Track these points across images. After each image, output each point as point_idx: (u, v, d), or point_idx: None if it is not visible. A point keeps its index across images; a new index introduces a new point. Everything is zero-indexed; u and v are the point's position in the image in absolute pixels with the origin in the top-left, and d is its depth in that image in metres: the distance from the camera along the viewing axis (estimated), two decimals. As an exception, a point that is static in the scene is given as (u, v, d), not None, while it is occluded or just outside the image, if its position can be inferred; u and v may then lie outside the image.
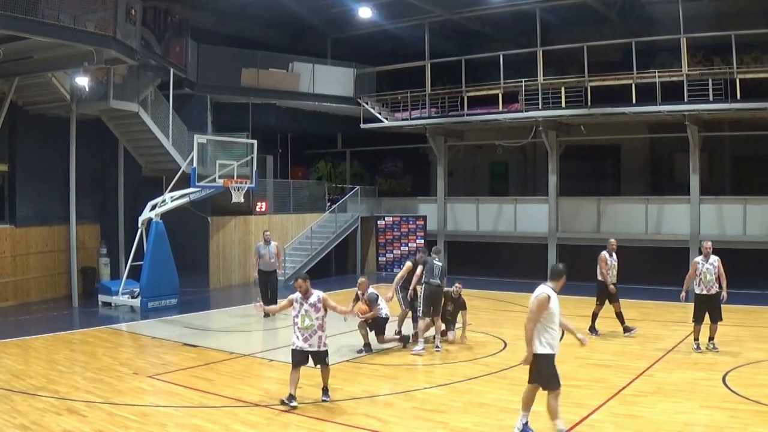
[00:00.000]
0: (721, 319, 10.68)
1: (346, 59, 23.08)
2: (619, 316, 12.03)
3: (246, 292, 18.21)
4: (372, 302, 11.04)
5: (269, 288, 14.48)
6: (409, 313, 11.95)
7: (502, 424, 7.51)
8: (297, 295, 8.33)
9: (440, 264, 11.38)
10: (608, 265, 11.91)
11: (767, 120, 17.74)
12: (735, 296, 12.78)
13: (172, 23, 18.14)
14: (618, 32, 20.01)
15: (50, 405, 8.15)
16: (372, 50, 23.91)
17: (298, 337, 8.26)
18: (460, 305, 11.76)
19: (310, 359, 8.30)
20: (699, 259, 10.78)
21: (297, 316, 8.28)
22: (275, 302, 13.41)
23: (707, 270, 10.58)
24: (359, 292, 11.19)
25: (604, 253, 12.05)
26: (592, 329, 12.02)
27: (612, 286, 11.84)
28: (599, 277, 12.02)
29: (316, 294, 8.34)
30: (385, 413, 7.93)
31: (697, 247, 18.04)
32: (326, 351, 8.35)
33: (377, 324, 11.19)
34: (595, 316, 12.14)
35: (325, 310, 8.31)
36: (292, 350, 8.30)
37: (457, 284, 11.82)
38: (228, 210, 19.17)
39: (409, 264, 11.76)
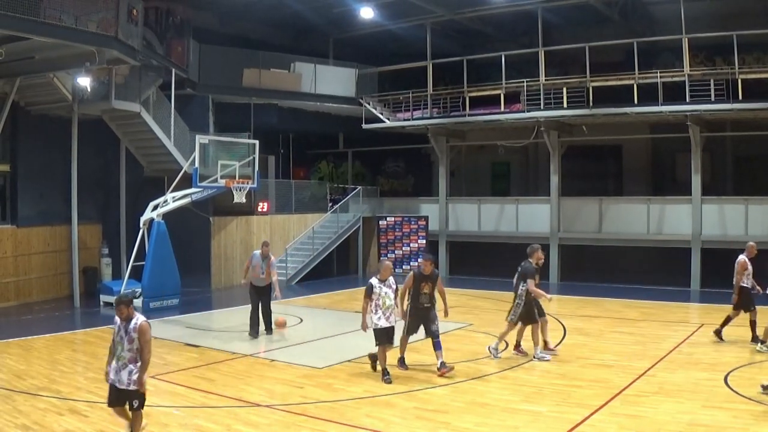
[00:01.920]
0: None
1: (348, 59, 23.09)
2: (753, 324, 11.32)
3: (248, 293, 18.14)
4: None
5: (261, 305, 12.51)
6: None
7: (503, 424, 7.50)
8: (117, 319, 6.58)
9: (519, 269, 10.58)
10: (749, 270, 11.16)
11: (769, 120, 17.77)
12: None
13: (173, 23, 18.16)
14: (620, 32, 19.97)
15: (52, 405, 8.15)
16: (374, 50, 23.90)
17: (111, 371, 6.59)
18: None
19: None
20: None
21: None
22: (270, 322, 12.59)
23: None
24: (379, 279, 9.34)
25: (744, 257, 11.26)
26: (719, 333, 11.51)
27: (759, 290, 11.21)
28: (742, 283, 11.20)
29: (134, 321, 6.49)
30: (386, 413, 7.92)
31: (698, 247, 18.20)
32: (137, 392, 6.44)
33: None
34: (728, 320, 11.49)
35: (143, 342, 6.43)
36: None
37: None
38: (230, 210, 19.18)
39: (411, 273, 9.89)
